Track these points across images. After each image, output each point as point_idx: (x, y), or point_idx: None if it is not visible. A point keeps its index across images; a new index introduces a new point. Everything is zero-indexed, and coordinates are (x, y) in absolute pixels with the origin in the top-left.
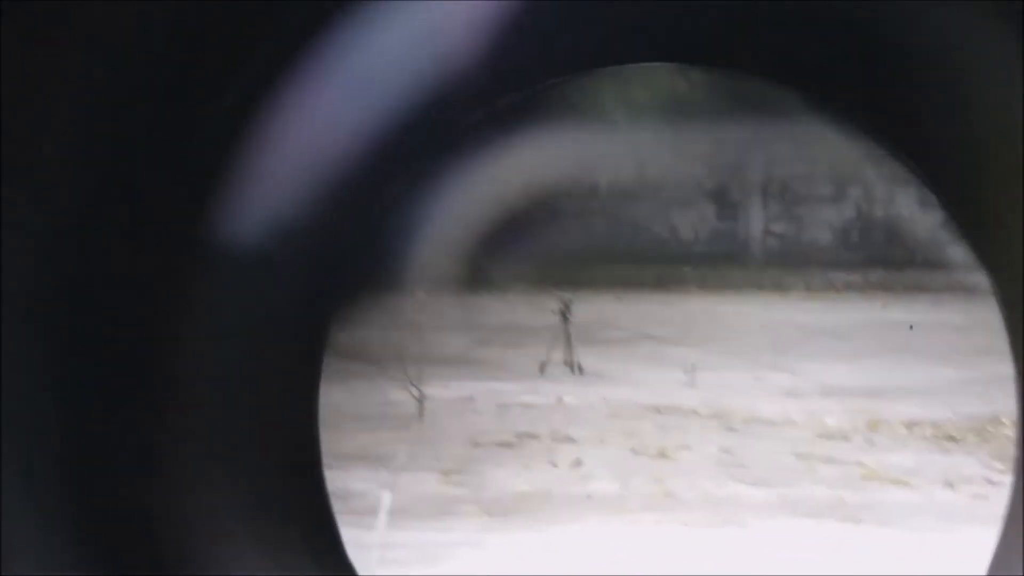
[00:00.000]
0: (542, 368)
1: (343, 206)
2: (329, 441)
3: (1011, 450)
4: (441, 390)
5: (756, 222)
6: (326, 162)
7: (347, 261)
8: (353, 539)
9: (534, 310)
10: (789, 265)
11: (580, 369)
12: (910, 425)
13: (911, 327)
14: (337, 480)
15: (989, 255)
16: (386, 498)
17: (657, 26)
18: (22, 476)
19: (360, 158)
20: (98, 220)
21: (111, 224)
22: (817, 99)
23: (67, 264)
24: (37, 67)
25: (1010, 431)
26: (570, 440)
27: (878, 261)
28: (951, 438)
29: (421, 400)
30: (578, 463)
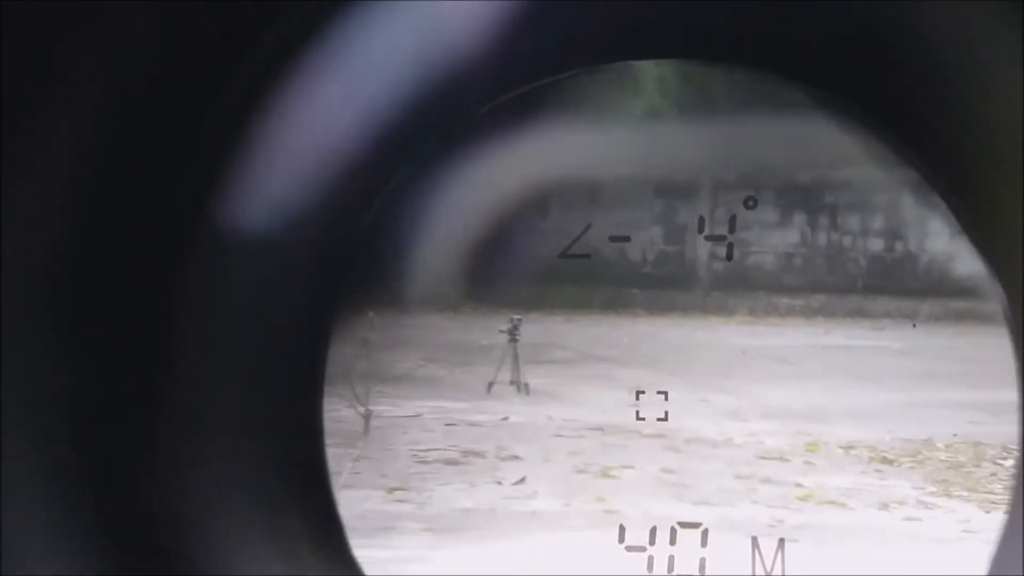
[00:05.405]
0: (489, 387)
1: (347, 197)
2: None
3: (944, 474)
4: (388, 407)
5: (702, 246)
6: (330, 153)
7: (351, 252)
8: None
9: (483, 330)
10: (734, 289)
11: (527, 389)
12: (847, 447)
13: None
14: None
15: (995, 256)
16: None
17: (663, 22)
18: (22, 476)
19: (363, 149)
20: (101, 211)
21: (114, 216)
22: (822, 94)
23: (69, 256)
24: (39, 61)
25: (943, 455)
26: (515, 458)
27: (820, 287)
28: (886, 460)
29: (367, 417)
30: (522, 481)
